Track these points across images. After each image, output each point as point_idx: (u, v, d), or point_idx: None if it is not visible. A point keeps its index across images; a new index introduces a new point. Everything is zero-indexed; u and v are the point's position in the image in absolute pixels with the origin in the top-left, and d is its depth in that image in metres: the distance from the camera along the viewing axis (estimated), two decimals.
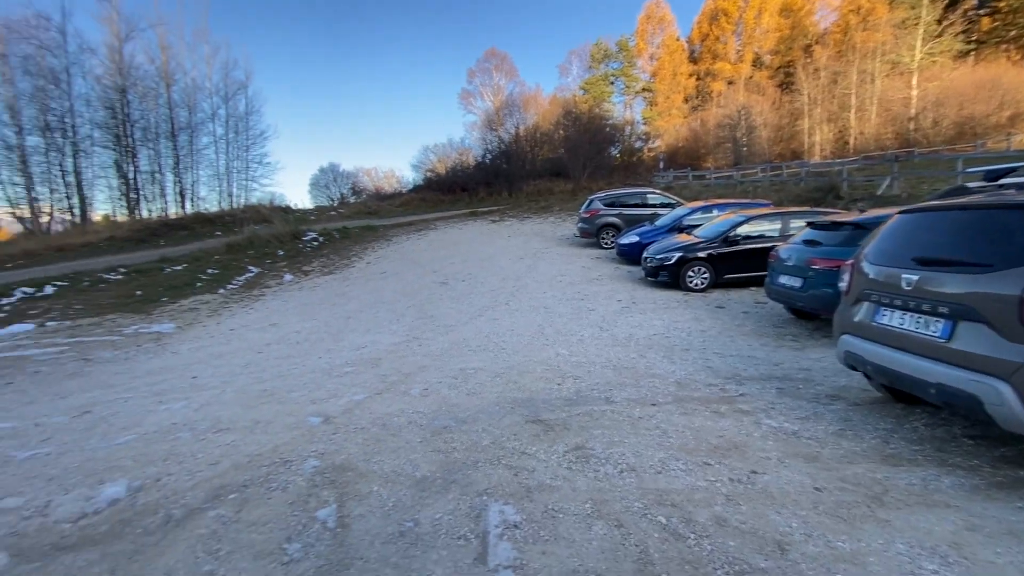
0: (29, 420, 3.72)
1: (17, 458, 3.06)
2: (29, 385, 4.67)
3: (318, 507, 2.37)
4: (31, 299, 8.79)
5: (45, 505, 2.48)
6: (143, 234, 16.78)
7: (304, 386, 4.20)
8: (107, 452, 3.06)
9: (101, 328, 7.03)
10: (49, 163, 26.27)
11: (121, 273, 10.47)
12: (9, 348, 6.16)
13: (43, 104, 25.43)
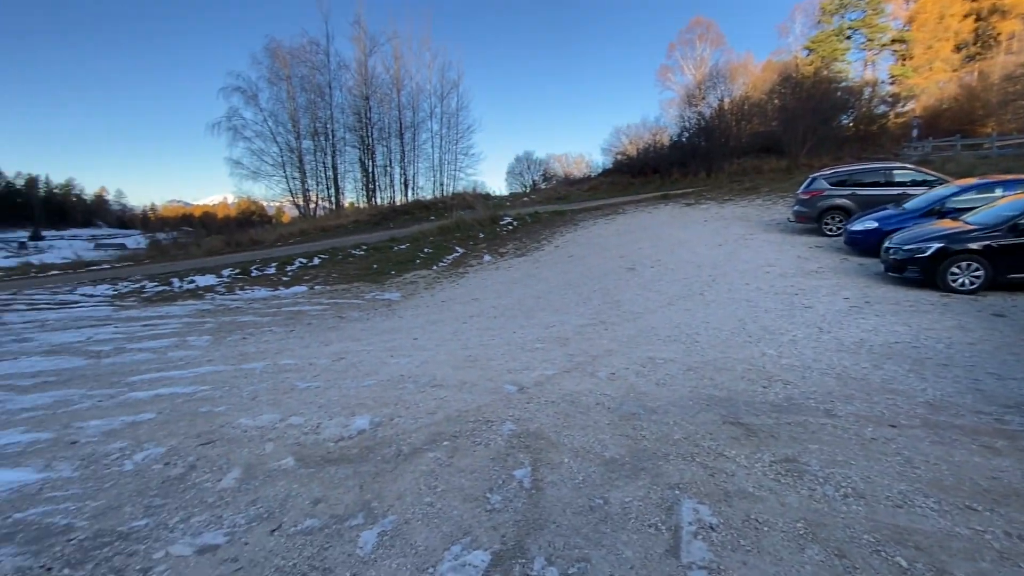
0: (305, 360, 4.83)
1: (298, 387, 4.00)
2: (305, 333, 6.07)
3: (515, 467, 2.58)
4: (304, 267, 11.39)
5: (317, 426, 3.21)
6: (377, 218, 20.20)
7: (501, 356, 4.58)
8: (356, 391, 3.81)
9: (350, 293, 8.76)
10: (316, 161, 33.28)
11: (363, 250, 12.82)
12: (291, 304, 8.09)
13: (313, 114, 32.21)
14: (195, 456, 2.82)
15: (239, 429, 3.17)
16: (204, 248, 16.22)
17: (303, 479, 2.53)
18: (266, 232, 19.15)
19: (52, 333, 6.37)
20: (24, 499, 2.43)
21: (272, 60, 30.13)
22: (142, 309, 7.95)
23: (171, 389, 4.01)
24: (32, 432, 3.23)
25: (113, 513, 2.28)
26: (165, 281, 10.09)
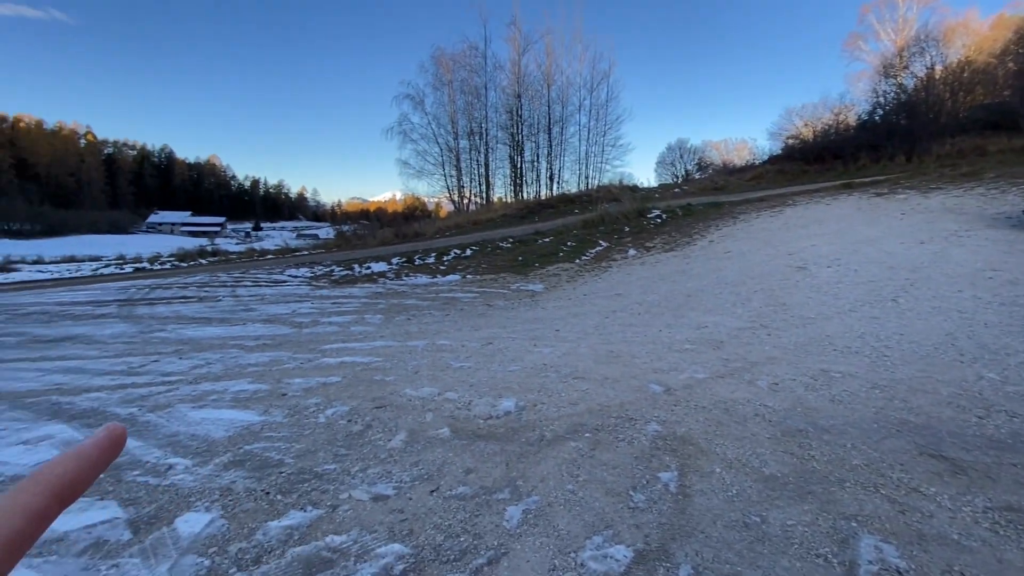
0: (458, 342, 5.23)
1: (453, 366, 4.36)
2: (458, 318, 6.59)
3: (660, 469, 2.49)
4: (458, 258, 12.32)
5: (468, 403, 3.47)
6: (523, 212, 20.93)
7: (646, 354, 4.44)
8: (503, 375, 4.03)
9: (497, 283, 9.25)
10: (470, 159, 35.58)
11: (510, 242, 13.41)
12: (447, 291, 8.82)
13: (470, 115, 34.45)
14: (371, 417, 3.26)
15: (404, 398, 3.57)
16: (377, 239, 18.49)
17: (457, 449, 2.77)
18: (427, 225, 21.11)
19: (268, 305, 7.87)
20: (251, 435, 3.06)
21: (437, 67, 32.89)
22: (331, 289, 9.39)
23: (352, 358, 4.68)
24: (255, 383, 4.04)
25: (311, 456, 2.76)
26: (348, 267, 11.76)
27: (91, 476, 0.17)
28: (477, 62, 32.70)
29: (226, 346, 5.35)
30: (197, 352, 5.12)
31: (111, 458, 0.18)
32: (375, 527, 2.09)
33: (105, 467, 0.18)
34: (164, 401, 3.68)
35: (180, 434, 3.09)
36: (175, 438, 3.04)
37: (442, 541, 1.99)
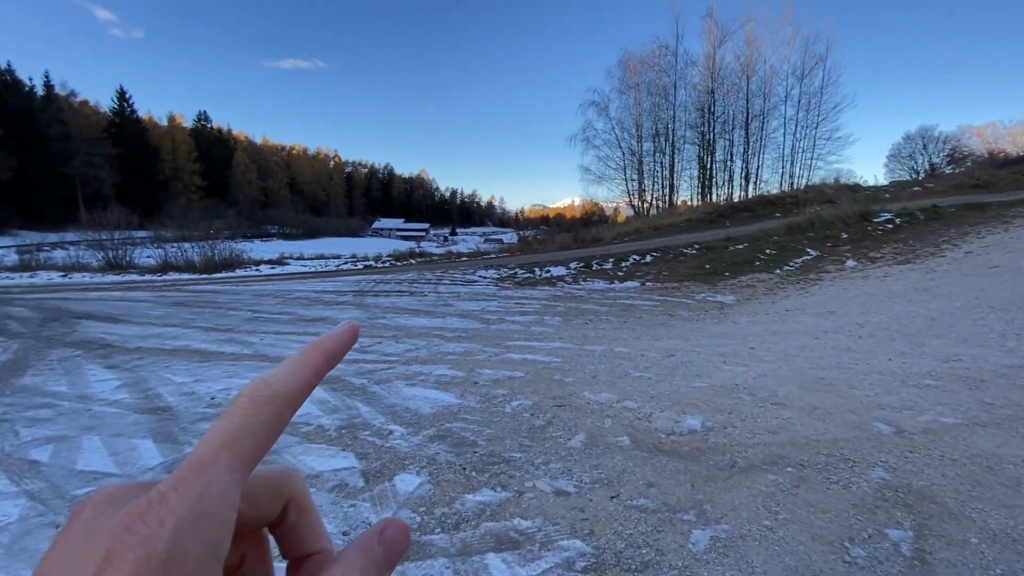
0: (637, 351, 5.12)
1: (631, 375, 4.28)
2: (636, 326, 6.44)
3: (888, 524, 2.08)
4: (637, 264, 12.02)
5: (649, 414, 3.37)
6: (712, 216, 19.42)
7: (869, 386, 3.73)
8: (686, 390, 3.81)
9: (680, 292, 8.77)
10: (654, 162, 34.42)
11: (695, 249, 12.59)
12: (625, 297, 8.69)
13: (656, 116, 33.33)
14: (551, 414, 3.40)
15: (583, 400, 3.64)
16: (557, 243, 19.17)
17: (637, 460, 2.72)
18: (605, 230, 21.12)
19: (463, 302, 8.79)
20: (450, 415, 3.47)
21: (624, 71, 32.67)
22: (514, 290, 10.06)
23: (534, 356, 4.94)
24: (453, 370, 4.56)
25: (499, 441, 3.00)
26: (529, 270, 12.44)
27: (342, 352, 0.24)
28: (667, 61, 31.53)
29: (430, 335, 6.14)
30: (409, 338, 5.98)
31: (351, 344, 0.25)
32: (557, 520, 2.18)
33: (348, 350, 0.25)
34: (385, 376, 4.39)
35: (397, 406, 3.66)
36: (393, 409, 3.61)
37: (623, 548, 1.98)
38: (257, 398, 0.20)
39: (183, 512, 0.17)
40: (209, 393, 4.05)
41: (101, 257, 19.65)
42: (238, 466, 0.19)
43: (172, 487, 0.18)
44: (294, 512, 0.24)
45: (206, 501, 0.18)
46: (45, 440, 3.25)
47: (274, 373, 0.21)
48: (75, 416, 3.66)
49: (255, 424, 0.20)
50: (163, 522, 0.17)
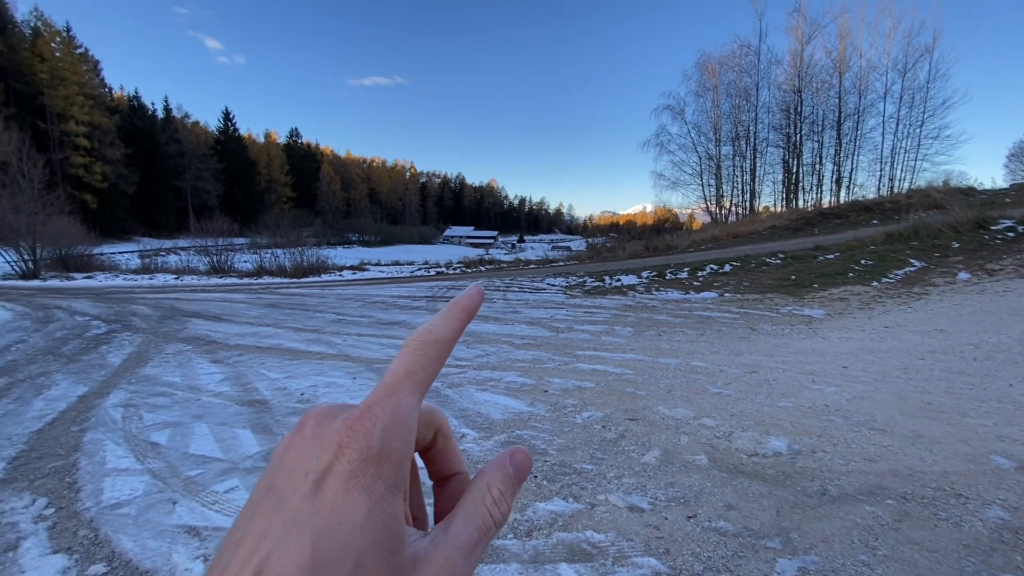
0: (715, 365, 4.89)
1: (709, 391, 4.10)
2: (714, 339, 6.15)
3: (1006, 569, 1.85)
4: (715, 274, 11.48)
5: (729, 433, 3.22)
6: (799, 223, 18.16)
7: (986, 414, 3.32)
8: (770, 410, 3.59)
9: (762, 304, 8.27)
10: (733, 166, 32.82)
11: (779, 258, 11.82)
12: (702, 308, 8.33)
13: (736, 119, 31.81)
14: (624, 427, 3.34)
15: (657, 415, 3.54)
16: (627, 251, 18.77)
17: (716, 480, 2.60)
18: (679, 238, 20.40)
19: (531, 309, 8.84)
20: (520, 422, 3.51)
21: (701, 73, 31.54)
22: (583, 299, 9.98)
23: (604, 367, 4.87)
24: (523, 377, 4.60)
25: (570, 452, 3.00)
26: (599, 278, 12.28)
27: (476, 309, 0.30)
28: (748, 61, 30.06)
29: (500, 341, 6.24)
30: (479, 344, 6.11)
31: (480, 303, 0.30)
32: (631, 535, 2.14)
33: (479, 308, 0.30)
34: (457, 381, 4.52)
35: (469, 410, 3.76)
36: (465, 412, 3.71)
37: (701, 571, 1.91)
38: (425, 341, 0.26)
39: (387, 419, 0.23)
40: (299, 389, 4.37)
41: (207, 262, 21.86)
42: (416, 391, 0.25)
43: (375, 402, 0.24)
44: (442, 439, 0.29)
45: (400, 412, 0.23)
46: (163, 425, 3.66)
47: (433, 323, 0.27)
48: (187, 405, 4.10)
49: (425, 360, 0.26)
50: (375, 424, 0.23)
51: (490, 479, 0.27)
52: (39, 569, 2.08)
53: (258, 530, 0.21)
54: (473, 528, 0.25)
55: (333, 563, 0.20)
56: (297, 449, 0.23)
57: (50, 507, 2.57)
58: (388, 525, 0.21)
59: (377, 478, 0.21)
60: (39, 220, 20.71)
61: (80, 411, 3.99)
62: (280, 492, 0.22)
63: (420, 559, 0.22)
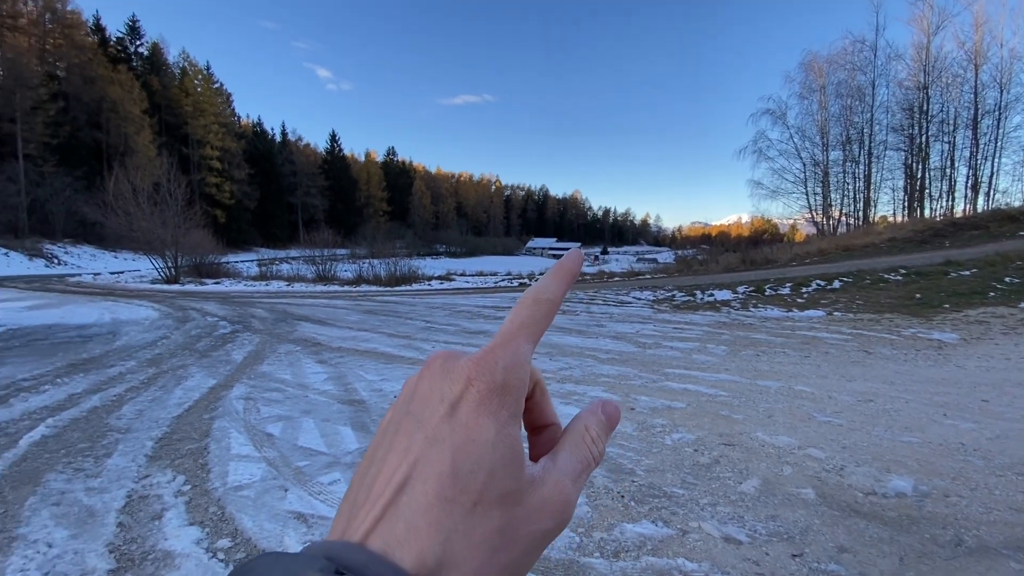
0: (823, 391, 4.47)
1: (816, 418, 3.76)
2: (821, 361, 5.63)
3: None
4: (822, 290, 10.51)
5: (840, 467, 2.92)
6: (925, 235, 16.13)
7: None
8: (891, 445, 3.21)
9: (879, 325, 7.43)
10: (843, 173, 29.96)
11: (901, 274, 10.56)
12: (807, 328, 7.66)
13: (847, 120, 29.08)
14: (718, 452, 3.16)
15: (756, 441, 3.31)
16: (721, 265, 17.78)
17: (826, 519, 2.38)
18: (780, 251, 18.96)
19: (615, 323, 8.66)
20: None
21: (806, 74, 29.33)
22: (672, 314, 9.59)
23: (696, 387, 4.64)
24: (607, 393, 4.52)
25: (659, 474, 2.89)
26: (690, 292, 11.74)
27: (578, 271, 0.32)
28: (863, 57, 27.46)
29: (583, 355, 6.18)
30: (562, 356, 6.10)
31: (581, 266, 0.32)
32: (728, 568, 2.02)
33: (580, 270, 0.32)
34: None
35: None
36: None
37: None
38: (538, 299, 0.29)
39: (507, 359, 0.26)
40: (393, 392, 4.64)
41: (313, 270, 23.93)
42: (530, 340, 0.28)
43: (497, 346, 0.27)
44: (539, 392, 0.31)
45: (518, 355, 0.27)
46: (276, 418, 4.05)
47: (544, 283, 0.30)
48: (296, 400, 4.50)
49: (538, 315, 0.29)
50: (497, 363, 0.26)
51: (587, 422, 0.30)
52: (178, 538, 2.39)
53: (402, 445, 0.25)
54: (577, 460, 0.27)
55: (470, 472, 0.23)
56: (428, 381, 0.26)
57: (187, 484, 2.95)
58: (512, 446, 0.24)
59: (502, 406, 0.25)
60: (181, 233, 23.97)
61: (210, 401, 4.54)
62: (418, 414, 0.25)
63: (536, 480, 0.25)
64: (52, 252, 38.12)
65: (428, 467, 0.23)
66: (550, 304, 0.29)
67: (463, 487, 0.23)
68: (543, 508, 0.25)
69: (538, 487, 0.25)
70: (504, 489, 0.24)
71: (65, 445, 3.48)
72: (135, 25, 58.84)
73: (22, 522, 2.48)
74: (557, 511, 0.25)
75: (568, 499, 0.26)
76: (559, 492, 0.26)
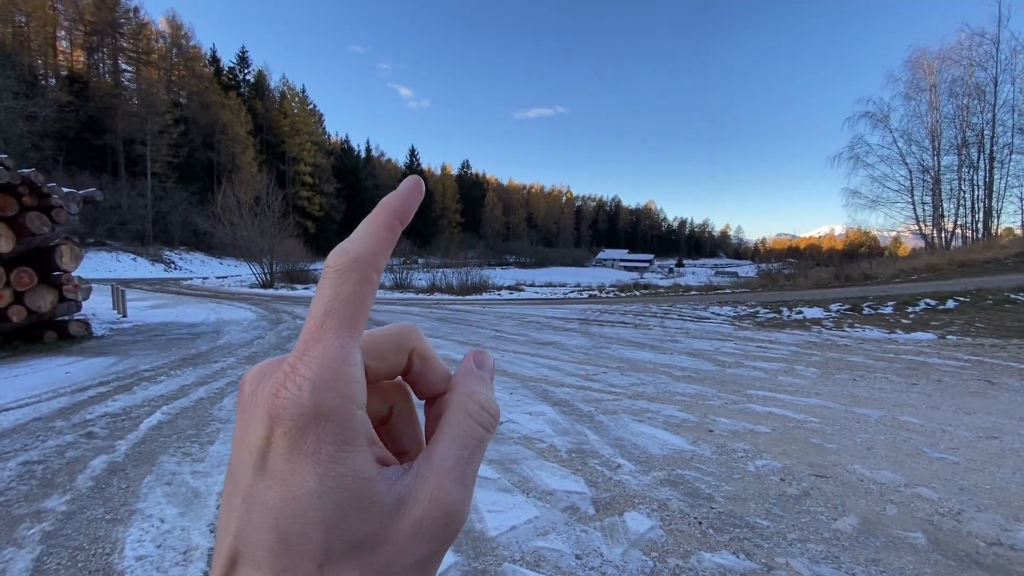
0: (935, 424, 3.98)
1: (926, 454, 3.34)
2: (932, 390, 5.02)
3: None
4: (932, 310, 9.41)
5: (957, 512, 2.57)
6: None
7: None
8: (1020, 490, 2.79)
9: (1005, 352, 6.51)
10: (960, 179, 26.83)
11: None
12: (913, 352, 6.88)
13: (963, 122, 26.07)
14: (808, 484, 2.90)
15: (854, 475, 3.00)
16: (811, 280, 16.50)
17: (939, 568, 2.09)
18: (881, 266, 17.28)
19: (692, 339, 8.28)
20: (682, 460, 3.27)
21: (913, 72, 26.76)
22: (755, 331, 9.00)
23: (782, 411, 4.31)
24: (683, 412, 4.31)
25: (741, 502, 2.70)
26: (775, 309, 10.98)
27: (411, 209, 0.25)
28: (982, 51, 24.61)
29: (657, 371, 5.95)
30: (634, 372, 5.91)
31: (418, 201, 0.25)
32: None
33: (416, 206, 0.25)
34: (611, 408, 4.42)
35: (624, 440, 3.64)
36: (620, 442, 3.60)
37: None
38: (341, 266, 0.22)
39: (313, 375, 0.20)
40: None
41: (391, 278, 25.11)
42: (345, 330, 0.22)
43: (297, 358, 0.21)
44: (418, 361, 0.26)
45: (327, 363, 0.21)
46: None
47: (350, 240, 0.24)
48: None
49: (347, 291, 0.22)
50: (300, 387, 0.20)
51: (466, 388, 0.25)
52: None
53: (224, 512, 0.21)
54: (461, 445, 0.23)
55: (300, 535, 0.19)
56: (239, 423, 0.22)
57: None
58: (348, 486, 0.20)
59: (320, 442, 0.20)
60: (276, 242, 26.15)
61: None
62: (235, 472, 0.21)
63: (405, 499, 0.21)
64: (170, 258, 43.14)
65: (252, 540, 0.20)
66: (360, 266, 0.22)
67: (299, 552, 0.19)
68: (417, 534, 0.21)
69: (407, 510, 0.21)
70: (353, 538, 0.20)
71: (177, 431, 3.87)
72: (244, 55, 65.67)
73: (140, 498, 2.78)
74: (439, 529, 0.21)
75: (452, 507, 0.22)
76: (438, 505, 0.21)
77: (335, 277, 0.22)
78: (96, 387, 5.16)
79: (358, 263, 0.22)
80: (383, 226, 0.24)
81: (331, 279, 0.22)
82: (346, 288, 0.22)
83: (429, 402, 0.27)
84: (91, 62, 48.30)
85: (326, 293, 0.22)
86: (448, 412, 0.24)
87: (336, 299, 0.22)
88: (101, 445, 3.56)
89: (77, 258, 7.89)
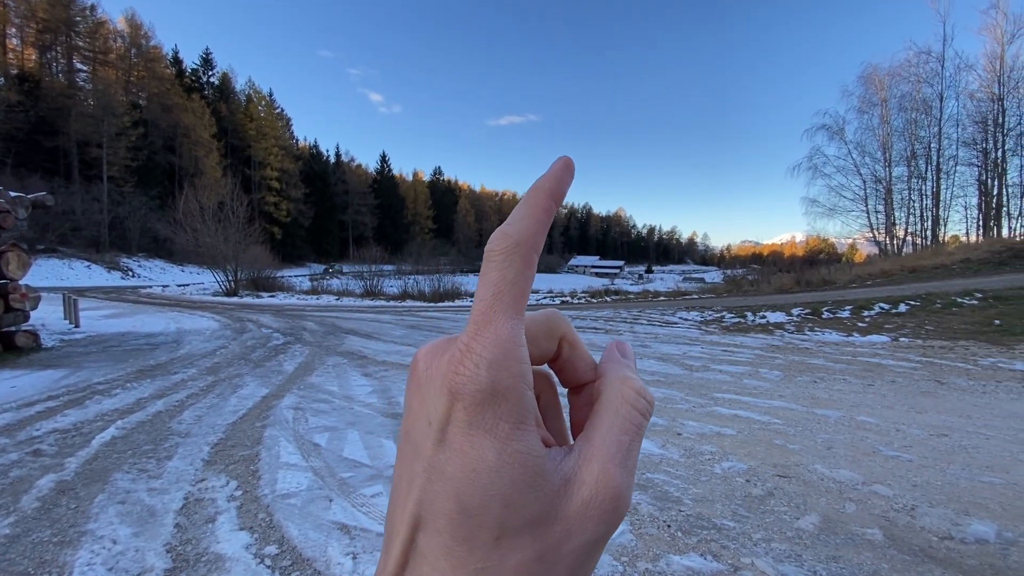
0: (889, 423, 4.16)
1: (882, 453, 3.49)
2: (887, 391, 5.25)
3: None
4: (886, 314, 9.86)
5: (911, 507, 2.69)
6: (1003, 256, 14.91)
7: None
8: (970, 485, 2.93)
9: (953, 354, 6.87)
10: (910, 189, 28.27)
11: (976, 298, 9.77)
12: (869, 354, 7.18)
13: (911, 135, 27.53)
14: (772, 484, 2.98)
15: (814, 474, 3.10)
16: (774, 285, 17.05)
17: (895, 563, 2.18)
18: (839, 272, 18.01)
19: (661, 344, 8.43)
20: (651, 464, 3.32)
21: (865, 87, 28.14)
22: (721, 336, 9.24)
23: (747, 413, 4.43)
24: (654, 416, 4.37)
25: (708, 504, 2.75)
26: (740, 314, 11.29)
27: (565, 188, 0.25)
28: (928, 69, 26.07)
29: None
30: None
31: (570, 179, 0.25)
32: None
33: (569, 185, 0.25)
34: None
35: None
36: None
37: None
38: (506, 250, 0.23)
39: (487, 355, 0.21)
40: None
41: (361, 285, 24.72)
42: (512, 311, 0.22)
43: (471, 337, 0.22)
44: (567, 347, 0.27)
45: (501, 344, 0.21)
46: (323, 428, 4.16)
47: (510, 223, 0.24)
48: (342, 412, 4.61)
49: (512, 274, 0.22)
50: (478, 364, 0.21)
51: (618, 375, 0.25)
52: (230, 542, 2.47)
53: (405, 477, 0.22)
54: (621, 431, 0.23)
55: (481, 507, 0.20)
56: (413, 394, 0.23)
57: (239, 489, 3.06)
58: (524, 463, 0.20)
59: (498, 418, 0.20)
60: (241, 248, 25.40)
61: (262, 409, 4.72)
62: (413, 439, 0.22)
63: (571, 480, 0.21)
64: (128, 265, 41.32)
65: (435, 507, 0.20)
66: (522, 250, 0.23)
67: (478, 524, 0.20)
68: (586, 515, 0.21)
69: (575, 492, 0.21)
70: (528, 515, 0.20)
71: (132, 446, 3.69)
72: (208, 57, 63.89)
73: (91, 518, 2.64)
74: (607, 512, 0.21)
75: (619, 491, 0.21)
76: (605, 487, 0.21)
77: (501, 260, 0.23)
78: (44, 401, 4.88)
79: (520, 246, 0.23)
80: (541, 208, 0.24)
81: (497, 262, 0.23)
82: (511, 271, 0.22)
83: (574, 390, 0.27)
84: (44, 61, 46.03)
85: (493, 276, 0.22)
86: (604, 397, 0.24)
87: (503, 282, 0.22)
88: (49, 463, 3.37)
89: (25, 265, 7.48)
